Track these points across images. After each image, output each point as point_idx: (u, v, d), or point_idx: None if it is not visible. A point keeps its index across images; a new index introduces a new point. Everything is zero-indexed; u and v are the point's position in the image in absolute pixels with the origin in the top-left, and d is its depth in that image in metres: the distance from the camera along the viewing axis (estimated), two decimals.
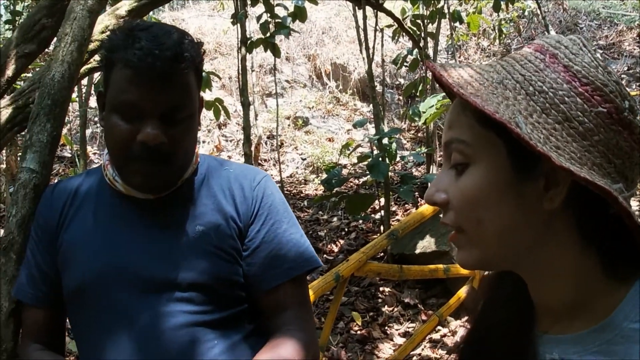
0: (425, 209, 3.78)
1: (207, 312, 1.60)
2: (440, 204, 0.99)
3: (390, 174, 6.19)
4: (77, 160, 8.08)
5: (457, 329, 5.19)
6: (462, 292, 4.27)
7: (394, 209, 7.38)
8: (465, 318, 4.64)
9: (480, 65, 0.98)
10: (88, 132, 8.98)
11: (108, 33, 2.27)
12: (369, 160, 5.77)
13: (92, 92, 6.61)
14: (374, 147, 6.07)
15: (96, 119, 10.15)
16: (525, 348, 1.04)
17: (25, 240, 1.74)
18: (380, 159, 5.68)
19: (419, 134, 11.01)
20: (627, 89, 0.94)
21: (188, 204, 1.68)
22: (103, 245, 1.64)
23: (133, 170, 1.59)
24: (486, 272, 1.22)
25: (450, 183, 0.98)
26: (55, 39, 2.01)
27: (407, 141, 11.09)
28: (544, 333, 1.02)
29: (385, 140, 5.85)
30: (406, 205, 7.69)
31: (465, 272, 4.41)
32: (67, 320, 1.75)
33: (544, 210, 0.92)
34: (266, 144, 10.84)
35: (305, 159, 10.64)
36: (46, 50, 2.95)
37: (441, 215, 0.98)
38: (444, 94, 5.34)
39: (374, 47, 7.13)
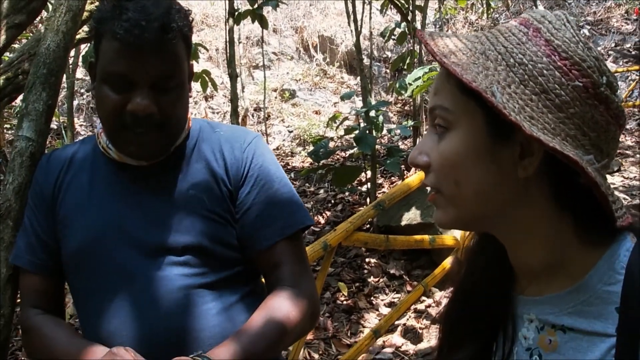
0: (412, 180, 3.83)
1: (202, 274, 1.64)
2: (422, 166, 1.04)
3: (377, 146, 6.22)
4: (63, 132, 8.06)
5: (442, 299, 5.26)
6: (447, 262, 4.34)
7: (380, 181, 7.44)
8: (450, 289, 4.71)
9: (467, 36, 1.02)
10: (75, 103, 8.95)
11: (97, 3, 2.29)
12: (356, 132, 5.80)
13: (80, 63, 6.58)
14: (361, 120, 6.09)
15: (82, 90, 10.12)
16: (504, 309, 1.11)
17: (22, 207, 1.77)
18: (367, 131, 5.72)
19: (406, 107, 11.04)
20: (606, 65, 0.97)
21: (180, 169, 1.71)
22: (99, 211, 1.67)
23: (125, 140, 1.62)
24: (467, 242, 1.27)
25: (433, 147, 1.02)
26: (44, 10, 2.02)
27: (394, 114, 11.12)
28: (522, 295, 1.08)
29: (372, 113, 5.88)
30: (392, 178, 7.74)
31: (450, 243, 4.47)
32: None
33: (519, 177, 0.96)
34: (253, 116, 10.83)
35: (292, 132, 10.65)
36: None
37: (428, 188, 1.03)
38: (430, 66, 5.39)
39: (362, 20, 7.13)
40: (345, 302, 5.32)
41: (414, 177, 3.89)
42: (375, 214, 3.39)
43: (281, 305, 1.63)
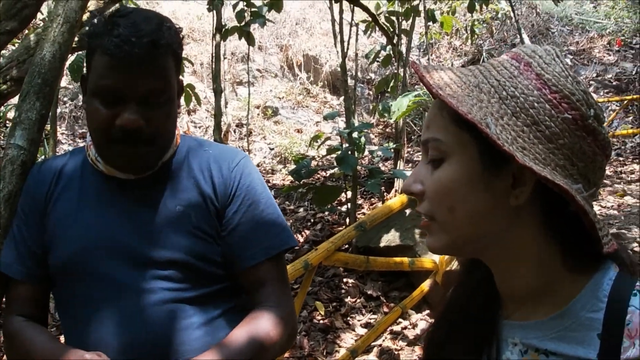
0: (393, 203, 3.87)
1: (186, 289, 1.66)
2: (417, 194, 1.08)
3: (358, 167, 6.25)
4: (44, 140, 8.03)
5: (418, 321, 5.28)
6: (425, 285, 4.37)
7: (360, 202, 7.47)
8: (427, 311, 4.74)
9: (460, 69, 1.06)
10: (57, 111, 8.91)
11: (88, 15, 2.31)
12: (338, 153, 5.82)
13: (66, 71, 6.56)
14: (344, 140, 6.13)
15: (66, 98, 10.08)
16: (489, 332, 1.13)
17: (11, 215, 1.77)
18: (349, 152, 5.75)
19: (387, 129, 11.10)
20: (594, 97, 1.02)
21: (168, 184, 1.72)
22: (88, 223, 1.69)
23: (113, 153, 1.64)
24: (453, 266, 1.30)
25: (427, 175, 1.06)
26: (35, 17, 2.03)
27: (375, 136, 11.19)
28: (508, 319, 1.11)
29: (355, 134, 5.92)
30: (372, 199, 7.77)
31: (429, 266, 4.51)
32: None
33: (510, 205, 1.00)
34: (235, 132, 10.84)
35: (273, 149, 10.67)
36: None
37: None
38: (416, 93, 5.45)
39: (348, 41, 7.19)
40: (321, 322, 5.32)
41: (395, 200, 3.92)
42: (357, 234, 3.42)
43: (263, 325, 1.65)
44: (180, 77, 1.76)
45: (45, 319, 1.81)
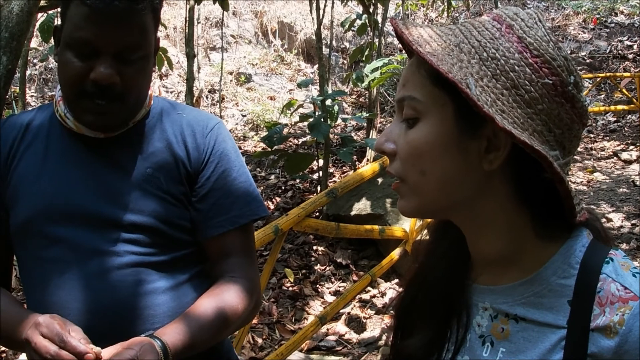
0: (365, 170, 3.86)
1: (152, 254, 1.62)
2: (389, 153, 1.05)
3: (330, 135, 6.25)
4: (13, 102, 7.89)
5: (387, 290, 5.33)
6: (395, 254, 4.39)
7: (331, 170, 7.47)
8: (395, 280, 4.76)
9: (440, 27, 1.03)
10: (27, 73, 8.77)
11: None
12: (311, 120, 5.81)
13: (36, 32, 6.44)
14: (317, 108, 6.11)
15: (35, 60, 9.91)
16: (459, 296, 1.13)
17: None
18: (322, 119, 5.73)
19: (361, 99, 11.09)
20: (574, 64, 1.00)
21: (139, 145, 1.68)
22: (51, 182, 1.63)
23: (84, 108, 1.58)
24: (423, 235, 1.29)
25: (400, 135, 1.03)
26: None
27: (348, 105, 11.17)
28: (477, 283, 1.10)
29: (328, 102, 5.90)
30: (344, 168, 7.78)
31: (399, 235, 4.52)
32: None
33: (483, 170, 0.99)
34: (207, 97, 10.76)
35: (245, 116, 10.61)
36: None
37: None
38: (389, 58, 5.42)
39: (324, 9, 7.13)
40: (290, 289, 5.34)
41: (367, 168, 3.91)
42: (328, 201, 3.40)
43: (231, 298, 1.63)
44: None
45: (8, 282, 1.76)
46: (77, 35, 1.53)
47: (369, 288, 5.12)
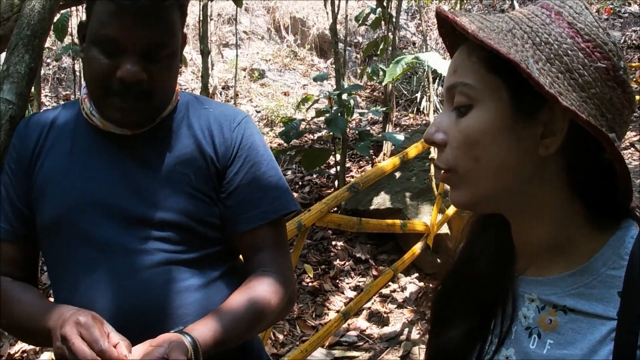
0: (385, 164, 3.83)
1: (183, 251, 1.60)
2: (439, 144, 1.04)
3: (347, 130, 6.23)
4: (28, 103, 7.90)
5: (407, 284, 5.30)
6: (417, 248, 4.36)
7: (348, 165, 7.44)
8: (415, 275, 4.76)
9: (487, 16, 1.02)
10: (41, 73, 8.78)
11: None
12: (328, 115, 5.79)
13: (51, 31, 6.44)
14: (333, 103, 6.08)
15: (49, 60, 9.91)
16: (504, 288, 1.10)
17: None
18: (339, 114, 5.71)
19: (375, 93, 11.05)
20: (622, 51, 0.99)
21: (166, 141, 1.66)
22: (79, 180, 1.61)
23: (111, 106, 1.56)
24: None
25: (451, 124, 1.02)
26: None
27: (363, 100, 11.12)
28: (524, 275, 1.08)
29: (344, 96, 5.88)
30: (360, 162, 7.75)
31: (421, 229, 4.49)
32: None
33: (539, 156, 0.97)
34: (221, 94, 10.75)
35: (259, 112, 10.59)
36: None
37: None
38: (412, 56, 5.38)
39: (338, 4, 7.10)
40: (310, 284, 5.32)
41: (388, 162, 3.88)
42: (349, 196, 3.38)
43: (263, 291, 1.60)
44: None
45: (35, 282, 1.73)
46: (103, 32, 1.51)
47: (389, 283, 5.09)
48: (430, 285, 5.28)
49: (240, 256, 1.77)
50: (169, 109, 1.68)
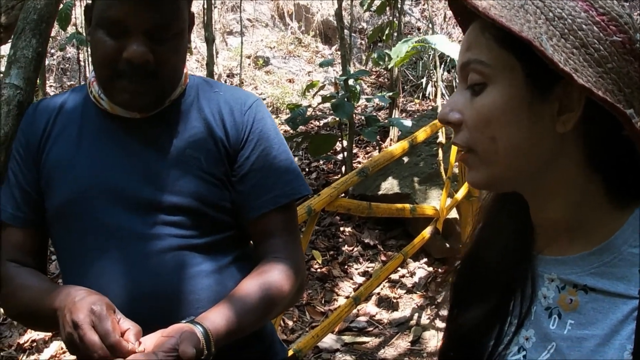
0: (394, 148, 3.80)
1: (194, 236, 1.58)
2: (454, 123, 1.02)
3: (353, 115, 6.21)
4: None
5: (416, 270, 5.29)
6: (426, 232, 4.33)
7: (355, 151, 7.41)
8: (424, 260, 4.74)
9: None
10: (46, 63, 8.76)
11: None
12: (334, 100, 5.76)
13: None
14: (339, 88, 6.06)
15: (53, 50, 9.90)
16: (522, 268, 1.09)
17: (7, 159, 1.69)
18: (345, 99, 5.69)
19: (380, 80, 11.01)
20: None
21: (176, 125, 1.64)
22: (88, 164, 1.60)
23: (118, 88, 1.54)
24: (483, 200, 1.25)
25: (466, 103, 1.00)
26: None
27: (368, 86, 11.07)
28: (543, 254, 1.06)
29: (351, 82, 5.85)
30: (367, 148, 7.72)
31: (430, 213, 4.47)
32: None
33: (556, 133, 0.95)
34: (226, 82, 10.71)
35: (265, 99, 10.55)
36: None
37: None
38: (416, 39, 5.34)
39: None
40: (319, 270, 5.32)
41: (397, 146, 3.85)
42: (359, 180, 3.36)
43: (276, 278, 1.58)
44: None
45: (43, 269, 1.72)
46: (108, 14, 1.50)
47: (398, 268, 5.08)
48: (440, 270, 5.28)
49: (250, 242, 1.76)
50: (178, 92, 1.66)
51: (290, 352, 2.04)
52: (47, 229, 1.66)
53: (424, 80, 9.86)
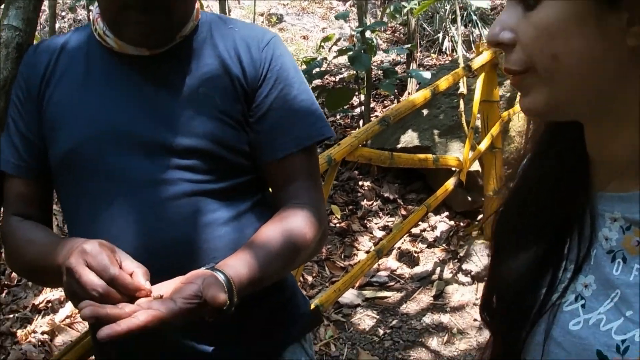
0: (416, 97, 3.67)
1: (209, 181, 1.49)
2: (506, 43, 0.88)
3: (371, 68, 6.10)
4: None
5: (437, 224, 5.21)
6: (450, 183, 4.22)
7: (372, 105, 7.30)
8: (445, 214, 4.65)
9: None
10: (55, 26, 8.64)
11: None
12: (351, 52, 5.65)
13: None
14: (355, 41, 5.95)
15: (63, 13, 9.79)
16: (580, 206, 0.96)
17: (7, 105, 1.60)
18: (362, 51, 5.57)
19: (396, 35, 10.84)
20: None
21: (188, 62, 1.54)
22: (94, 108, 1.51)
23: (126, 21, 1.43)
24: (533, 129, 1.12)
25: (519, 19, 0.87)
26: None
27: (383, 41, 10.92)
28: (603, 191, 0.94)
29: (367, 34, 5.73)
30: (385, 102, 7.61)
31: (454, 164, 4.36)
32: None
33: (627, 48, 0.81)
34: None
35: None
36: None
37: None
38: None
39: None
40: (338, 225, 5.24)
41: (419, 95, 3.72)
42: (380, 129, 3.24)
43: (298, 224, 1.49)
44: None
45: (49, 220, 1.64)
46: None
47: (418, 222, 4.99)
48: (461, 224, 5.19)
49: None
50: (190, 27, 1.55)
51: (312, 306, 1.96)
52: (51, 178, 1.57)
53: (440, 35, 9.69)
